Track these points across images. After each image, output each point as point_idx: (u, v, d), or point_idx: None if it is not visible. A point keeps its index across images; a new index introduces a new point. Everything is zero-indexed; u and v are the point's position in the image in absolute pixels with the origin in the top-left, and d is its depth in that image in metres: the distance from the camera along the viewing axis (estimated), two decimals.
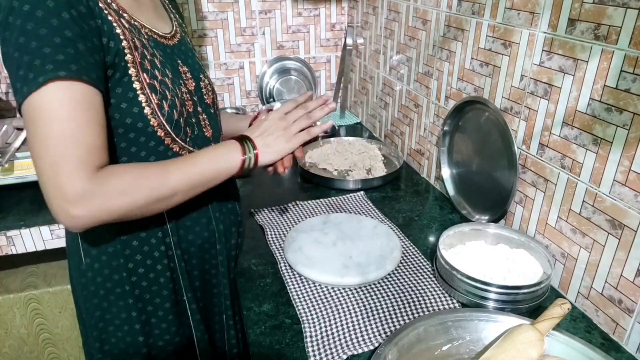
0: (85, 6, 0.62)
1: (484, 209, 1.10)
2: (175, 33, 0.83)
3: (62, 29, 0.59)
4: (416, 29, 1.32)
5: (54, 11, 0.59)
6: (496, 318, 0.76)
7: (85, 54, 0.61)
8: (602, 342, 0.79)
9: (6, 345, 1.34)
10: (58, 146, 0.60)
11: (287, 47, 1.80)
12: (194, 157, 0.73)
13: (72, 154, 0.60)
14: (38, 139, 0.60)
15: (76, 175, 0.60)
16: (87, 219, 0.62)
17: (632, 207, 0.74)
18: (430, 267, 0.96)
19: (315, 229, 1.06)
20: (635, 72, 0.71)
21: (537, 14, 0.88)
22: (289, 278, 0.93)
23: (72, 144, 0.61)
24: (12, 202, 1.21)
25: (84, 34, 0.61)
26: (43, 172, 0.61)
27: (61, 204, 0.61)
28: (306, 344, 0.77)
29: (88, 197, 0.61)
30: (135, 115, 0.70)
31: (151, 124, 0.72)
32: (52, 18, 0.59)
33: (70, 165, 0.60)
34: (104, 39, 0.65)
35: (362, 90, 1.78)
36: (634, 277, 0.75)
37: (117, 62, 0.67)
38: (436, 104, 1.27)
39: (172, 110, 0.74)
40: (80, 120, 0.61)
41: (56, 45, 0.59)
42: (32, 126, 0.60)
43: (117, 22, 0.68)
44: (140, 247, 0.79)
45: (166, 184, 0.68)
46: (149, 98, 0.70)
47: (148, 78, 0.71)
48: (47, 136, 0.60)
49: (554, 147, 0.89)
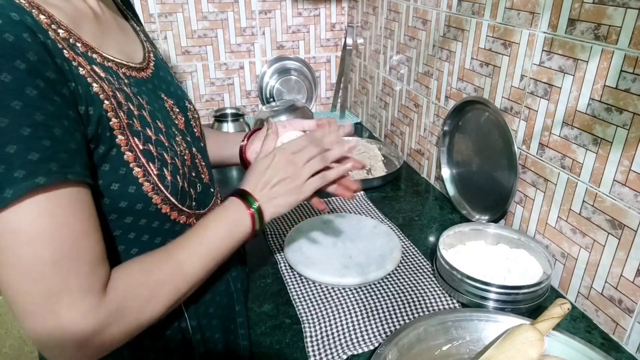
0: (54, 69, 0.46)
1: (484, 209, 1.10)
2: (148, 56, 0.67)
3: (30, 112, 0.43)
4: (416, 29, 1.32)
5: (15, 88, 0.42)
6: (496, 318, 0.76)
7: (64, 140, 0.45)
8: (602, 342, 0.79)
9: (6, 345, 1.34)
10: (51, 275, 0.45)
11: (287, 47, 1.80)
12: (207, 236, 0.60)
13: (71, 281, 0.46)
14: (18, 270, 0.44)
15: (82, 308, 0.46)
16: (99, 355, 0.50)
17: (632, 207, 0.74)
18: (430, 267, 0.96)
19: (315, 229, 1.06)
20: (635, 72, 0.71)
21: (537, 14, 0.88)
22: (289, 278, 0.93)
23: (69, 268, 0.46)
24: None
25: (58, 111, 0.45)
26: (31, 312, 0.45)
27: (64, 351, 0.47)
28: (306, 344, 0.77)
29: (101, 331, 0.48)
30: (131, 195, 0.55)
31: (154, 202, 0.57)
32: (14, 100, 0.42)
33: (72, 296, 0.46)
34: (81, 108, 0.48)
35: (362, 90, 1.78)
36: (634, 277, 0.75)
37: (101, 132, 0.51)
38: (436, 104, 1.27)
39: (176, 178, 0.59)
40: (73, 234, 0.46)
41: (24, 139, 0.42)
42: (4, 254, 0.43)
43: (90, 75, 0.51)
44: (152, 345, 0.63)
45: (184, 280, 0.57)
46: (146, 171, 0.55)
47: (141, 144, 0.55)
48: (33, 264, 0.44)
49: (554, 147, 0.89)
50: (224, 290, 0.73)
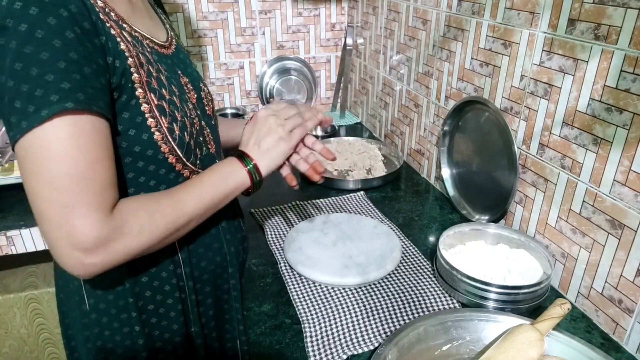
0: (89, 22, 0.55)
1: (484, 209, 1.10)
2: (171, 40, 0.76)
3: (67, 50, 0.52)
4: (416, 29, 1.32)
5: (57, 30, 0.51)
6: (496, 318, 0.76)
7: (92, 79, 0.54)
8: (602, 342, 0.79)
9: (6, 345, 1.34)
10: (69, 188, 0.53)
11: (287, 47, 1.80)
12: (202, 181, 0.68)
13: (85, 196, 0.54)
14: (42, 180, 0.53)
15: (91, 220, 0.54)
16: (102, 266, 0.57)
17: (632, 207, 0.74)
18: (430, 267, 0.96)
19: (315, 229, 1.06)
20: (635, 72, 0.71)
21: (537, 14, 0.88)
22: (289, 278, 0.93)
23: (84, 185, 0.54)
24: (12, 202, 1.21)
25: (89, 55, 0.54)
26: (49, 217, 0.53)
27: (73, 252, 0.54)
28: (306, 344, 0.77)
29: (104, 243, 0.56)
30: (144, 142, 0.63)
31: (162, 150, 0.65)
32: (55, 38, 0.51)
33: (84, 208, 0.54)
34: (109, 58, 0.58)
35: (362, 90, 1.78)
36: (634, 277, 0.75)
37: (124, 83, 0.60)
38: (436, 104, 1.27)
39: (183, 133, 0.68)
40: (91, 157, 0.54)
41: (60, 70, 0.51)
42: (34, 165, 0.53)
43: (120, 36, 0.61)
44: (150, 283, 0.72)
45: (182, 214, 0.64)
46: (158, 122, 0.64)
47: (156, 99, 0.64)
48: (55, 177, 0.52)
49: (554, 147, 0.89)
50: (218, 248, 0.79)
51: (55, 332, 1.37)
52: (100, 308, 0.71)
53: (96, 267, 0.57)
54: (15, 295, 1.30)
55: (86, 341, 0.73)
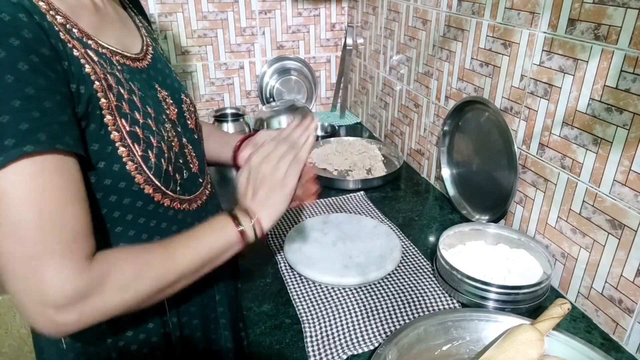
0: (48, 47, 0.49)
1: (484, 209, 1.10)
2: (146, 49, 0.69)
3: (21, 86, 0.46)
4: (416, 29, 1.32)
5: (8, 64, 0.45)
6: (496, 318, 0.76)
7: (55, 113, 0.48)
8: (602, 342, 0.79)
9: (6, 345, 1.34)
10: (34, 237, 0.47)
11: (287, 47, 1.80)
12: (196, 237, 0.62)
13: (53, 245, 0.48)
14: (3, 231, 0.47)
15: (63, 272, 0.48)
16: (77, 325, 0.51)
17: (632, 207, 0.74)
18: (430, 267, 0.96)
19: (315, 229, 1.06)
20: (635, 72, 0.71)
21: (537, 14, 0.88)
22: (289, 278, 0.93)
23: (52, 233, 0.48)
24: None
25: (50, 86, 0.48)
26: (14, 272, 0.47)
27: (43, 310, 0.48)
28: (306, 344, 0.77)
29: (80, 299, 0.49)
30: (115, 174, 0.58)
31: (136, 181, 0.59)
32: (6, 74, 0.45)
33: (54, 260, 0.48)
34: (72, 85, 0.51)
35: (362, 90, 1.78)
36: (634, 277, 0.75)
37: (90, 110, 0.54)
38: (436, 104, 1.27)
39: (160, 160, 0.62)
40: (58, 201, 0.48)
41: (15, 110, 0.46)
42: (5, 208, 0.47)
43: (84, 57, 0.54)
44: (136, 336, 0.66)
45: (173, 268, 0.58)
46: (131, 150, 0.58)
47: (128, 125, 0.58)
48: (17, 226, 0.47)
49: (554, 147, 0.89)
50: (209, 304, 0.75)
51: None
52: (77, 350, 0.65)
53: (70, 326, 0.51)
54: None
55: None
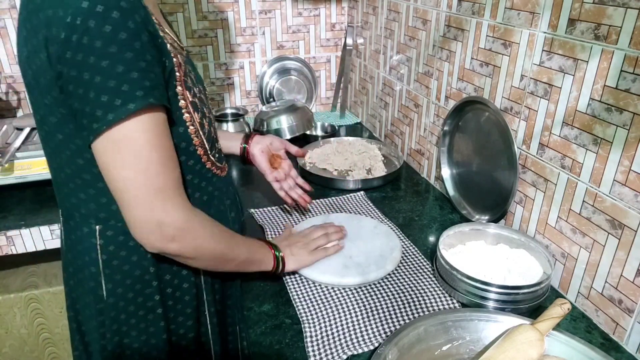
0: (152, 25, 0.61)
1: (484, 209, 1.10)
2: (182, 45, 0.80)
3: (144, 52, 0.58)
4: (416, 29, 1.32)
5: (136, 33, 0.57)
6: (496, 318, 0.76)
7: (160, 77, 0.61)
8: (602, 342, 0.79)
9: (6, 345, 1.34)
10: (161, 173, 0.60)
11: (287, 47, 1.80)
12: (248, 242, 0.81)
13: (173, 181, 0.61)
14: (136, 168, 0.59)
15: (180, 205, 0.63)
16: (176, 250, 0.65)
17: (632, 207, 0.74)
18: (430, 267, 0.96)
19: None
20: (635, 72, 0.71)
21: (537, 14, 0.88)
22: (289, 278, 0.93)
23: (170, 170, 0.61)
24: (12, 202, 1.21)
25: (156, 55, 0.61)
26: (143, 201, 0.60)
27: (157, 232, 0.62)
28: (306, 344, 0.77)
29: (187, 230, 0.64)
30: (180, 134, 0.69)
31: (194, 142, 0.72)
32: (135, 41, 0.57)
33: (174, 191, 0.62)
34: (164, 59, 0.63)
35: (362, 90, 1.78)
36: (634, 277, 0.75)
37: (169, 80, 0.66)
38: (436, 104, 1.27)
39: (210, 128, 0.76)
40: (169, 146, 0.62)
41: (142, 69, 0.57)
42: (124, 155, 0.59)
43: (165, 37, 0.66)
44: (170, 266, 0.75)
45: (234, 250, 0.75)
46: (192, 117, 0.70)
47: (190, 96, 0.70)
48: (149, 164, 0.59)
49: (554, 147, 0.89)
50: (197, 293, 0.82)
51: (55, 332, 1.37)
52: (118, 292, 0.73)
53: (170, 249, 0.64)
54: (15, 295, 1.30)
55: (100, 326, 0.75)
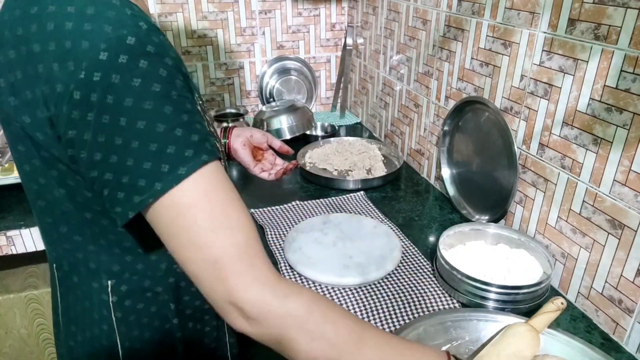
0: (184, 65, 0.53)
1: (484, 209, 1.10)
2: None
3: (183, 101, 0.49)
4: (416, 29, 1.32)
5: (170, 82, 0.48)
6: (496, 318, 0.76)
7: (204, 124, 0.52)
8: (602, 342, 0.79)
9: (6, 345, 1.34)
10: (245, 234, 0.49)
11: (287, 47, 1.80)
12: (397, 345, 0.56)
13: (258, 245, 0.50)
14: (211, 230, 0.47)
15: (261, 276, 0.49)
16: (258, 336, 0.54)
17: (632, 207, 0.74)
18: (430, 267, 0.96)
19: (315, 229, 1.06)
20: (635, 72, 0.71)
21: (537, 14, 0.88)
22: (289, 278, 0.93)
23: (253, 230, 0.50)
24: (12, 202, 1.21)
25: (194, 99, 0.52)
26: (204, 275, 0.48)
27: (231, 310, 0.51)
28: None
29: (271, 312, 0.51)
30: None
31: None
32: (172, 90, 0.48)
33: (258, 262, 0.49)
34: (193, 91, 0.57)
35: (362, 90, 1.78)
36: (634, 277, 0.75)
37: None
38: (436, 104, 1.27)
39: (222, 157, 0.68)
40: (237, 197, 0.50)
41: (185, 123, 0.48)
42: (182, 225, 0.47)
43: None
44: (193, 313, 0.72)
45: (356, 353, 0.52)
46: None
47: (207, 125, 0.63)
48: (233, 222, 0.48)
49: (554, 147, 0.89)
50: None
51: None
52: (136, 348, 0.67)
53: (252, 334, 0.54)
54: (15, 295, 1.30)
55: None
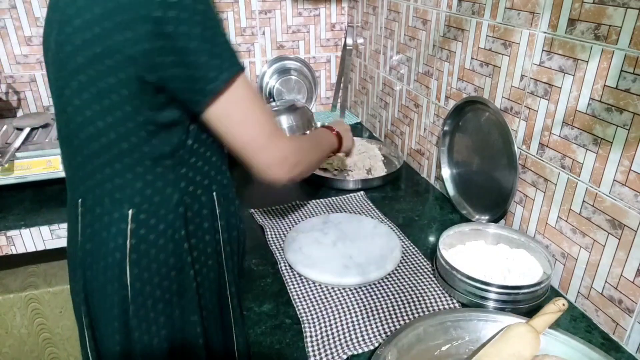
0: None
1: (484, 209, 1.10)
2: None
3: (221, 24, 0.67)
4: (416, 29, 1.32)
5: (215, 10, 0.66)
6: (495, 318, 0.76)
7: None
8: (602, 342, 0.79)
9: (6, 345, 1.34)
10: (270, 118, 0.72)
11: (287, 47, 1.80)
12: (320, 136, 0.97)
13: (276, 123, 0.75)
14: (251, 119, 0.69)
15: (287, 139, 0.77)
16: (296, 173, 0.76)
17: (632, 207, 0.74)
18: (430, 267, 0.96)
19: (315, 229, 1.06)
20: (635, 72, 0.71)
21: (537, 14, 0.88)
22: (289, 278, 0.93)
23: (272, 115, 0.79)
24: (12, 202, 1.21)
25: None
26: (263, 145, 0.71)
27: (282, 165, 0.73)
28: (306, 344, 0.77)
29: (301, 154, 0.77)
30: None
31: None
32: (218, 15, 0.67)
33: (279, 132, 0.74)
34: None
35: (362, 90, 1.78)
36: (634, 277, 0.75)
37: None
38: (436, 104, 1.27)
39: None
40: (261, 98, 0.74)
41: (228, 40, 0.67)
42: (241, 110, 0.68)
43: None
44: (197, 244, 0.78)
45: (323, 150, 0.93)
46: None
47: None
48: (261, 112, 0.70)
49: (554, 147, 0.88)
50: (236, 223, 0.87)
51: (55, 332, 1.37)
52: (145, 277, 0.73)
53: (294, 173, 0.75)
54: (15, 295, 1.30)
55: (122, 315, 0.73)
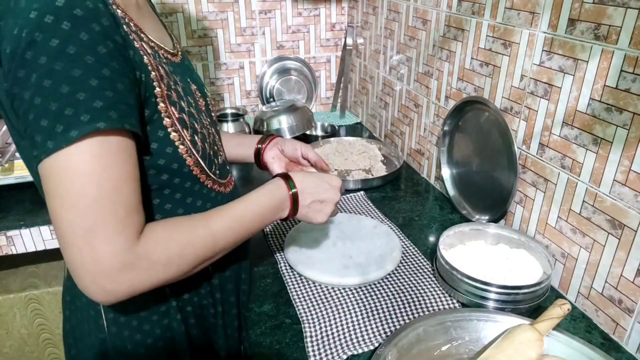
0: (119, 35, 0.54)
1: (484, 209, 1.10)
2: (177, 46, 0.75)
3: (99, 67, 0.50)
4: (416, 29, 1.32)
5: (89, 46, 0.50)
6: (495, 318, 0.76)
7: (125, 94, 0.53)
8: (602, 342, 0.79)
9: (7, 345, 1.34)
10: (93, 211, 0.51)
11: (287, 47, 1.80)
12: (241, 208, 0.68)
13: (109, 219, 0.52)
14: (66, 202, 0.51)
15: (115, 245, 0.52)
16: (123, 294, 0.55)
17: (632, 207, 0.74)
18: (430, 267, 0.96)
19: (315, 229, 1.06)
20: (635, 72, 0.71)
21: (537, 14, 0.88)
22: (289, 278, 0.93)
23: (109, 207, 0.52)
24: (12, 202, 1.21)
25: (122, 70, 0.53)
26: (72, 241, 0.52)
27: (95, 278, 0.52)
28: (306, 344, 0.77)
29: (128, 270, 0.53)
30: (168, 155, 0.63)
31: (187, 163, 0.65)
32: (87, 54, 0.49)
33: (108, 232, 0.52)
34: (137, 72, 0.56)
35: (362, 90, 1.78)
36: (634, 277, 0.75)
37: (147, 97, 0.58)
38: (436, 104, 1.27)
39: (204, 145, 0.69)
40: (117, 178, 0.52)
41: (92, 88, 0.50)
42: (58, 187, 0.51)
43: (141, 48, 0.59)
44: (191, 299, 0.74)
45: (214, 247, 0.63)
46: (181, 135, 0.63)
47: (177, 112, 0.63)
48: (79, 199, 0.50)
49: (554, 147, 0.89)
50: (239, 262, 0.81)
51: (55, 332, 1.37)
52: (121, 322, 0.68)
53: (118, 294, 0.55)
54: (15, 295, 1.30)
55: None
